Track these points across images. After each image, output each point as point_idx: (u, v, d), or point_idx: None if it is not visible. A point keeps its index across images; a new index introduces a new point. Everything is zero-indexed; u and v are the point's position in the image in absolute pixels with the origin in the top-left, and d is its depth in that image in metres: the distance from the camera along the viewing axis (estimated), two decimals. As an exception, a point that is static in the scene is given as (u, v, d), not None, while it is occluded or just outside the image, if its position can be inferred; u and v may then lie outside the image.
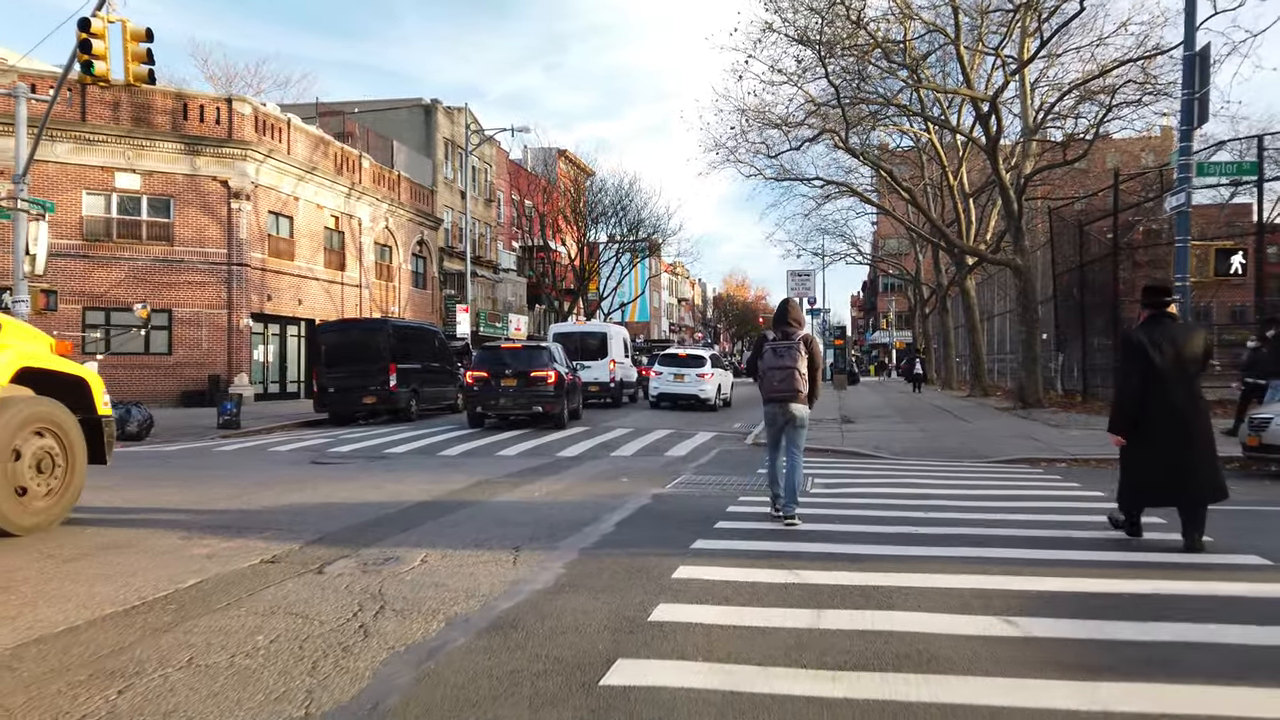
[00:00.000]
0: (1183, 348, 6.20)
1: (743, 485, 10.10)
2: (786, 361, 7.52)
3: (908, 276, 57.04)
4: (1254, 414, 11.36)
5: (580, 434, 17.77)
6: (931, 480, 10.43)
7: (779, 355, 7.58)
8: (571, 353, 28.27)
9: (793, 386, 7.53)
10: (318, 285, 32.39)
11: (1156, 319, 6.38)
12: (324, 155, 32.75)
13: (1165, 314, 6.41)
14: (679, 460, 13.09)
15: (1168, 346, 6.16)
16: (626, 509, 8.30)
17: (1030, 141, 24.76)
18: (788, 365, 7.51)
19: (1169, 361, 6.13)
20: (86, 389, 7.85)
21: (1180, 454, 6.13)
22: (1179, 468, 6.14)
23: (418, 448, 15.06)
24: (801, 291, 19.40)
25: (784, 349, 7.58)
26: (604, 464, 12.56)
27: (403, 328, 23.23)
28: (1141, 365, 6.16)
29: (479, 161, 47.33)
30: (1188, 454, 6.13)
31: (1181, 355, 6.19)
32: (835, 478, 10.72)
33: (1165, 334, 6.23)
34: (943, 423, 19.62)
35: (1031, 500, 8.93)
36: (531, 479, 10.71)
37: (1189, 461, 6.13)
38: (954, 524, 7.49)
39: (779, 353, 7.59)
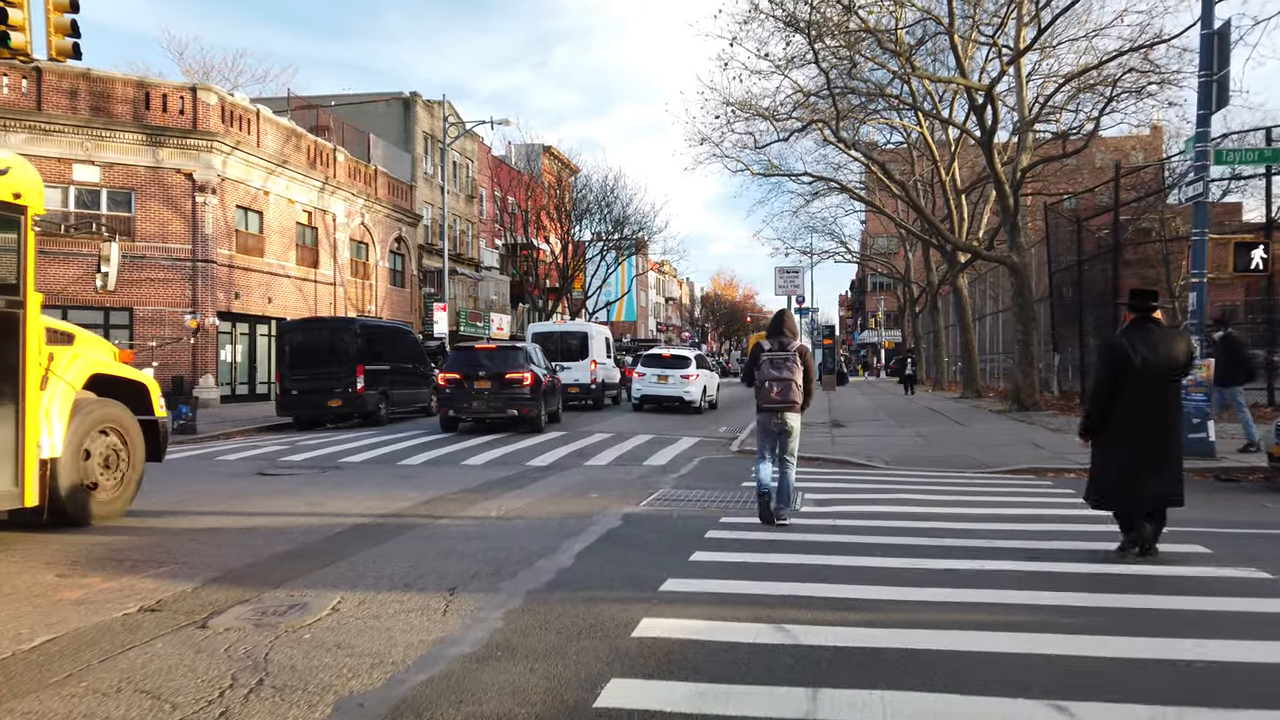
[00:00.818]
0: (1164, 354, 6.17)
1: (725, 502, 9.09)
2: (784, 374, 7.70)
3: (897, 275, 56.24)
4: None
5: (556, 439, 16.74)
6: (933, 496, 9.45)
7: (776, 367, 7.74)
8: (551, 353, 27.30)
9: (789, 397, 7.72)
10: (289, 283, 31.22)
11: (1140, 323, 6.34)
12: (296, 148, 31.59)
13: (1150, 319, 6.35)
14: (657, 471, 12.07)
15: (1148, 352, 6.13)
16: (591, 533, 7.27)
17: (1026, 134, 23.86)
18: (785, 377, 7.69)
19: (1149, 367, 6.11)
20: (146, 393, 8.66)
21: (1154, 458, 6.17)
22: (1151, 471, 6.19)
23: (377, 456, 13.99)
24: (790, 289, 18.44)
25: (780, 360, 7.74)
26: (575, 475, 11.53)
27: (371, 327, 22.14)
28: (1117, 370, 6.17)
29: (460, 157, 46.22)
30: (1160, 458, 6.17)
31: (1162, 361, 6.15)
32: (827, 492, 9.73)
33: (1147, 339, 6.19)
34: (938, 426, 18.68)
35: (1050, 523, 7.95)
36: (492, 494, 9.67)
37: (1160, 466, 6.19)
38: (966, 554, 6.50)
39: (776, 364, 7.75)
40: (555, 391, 20.80)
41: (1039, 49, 25.02)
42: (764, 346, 7.89)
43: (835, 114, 20.16)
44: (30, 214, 6.90)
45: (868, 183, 42.33)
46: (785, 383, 7.69)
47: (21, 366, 6.78)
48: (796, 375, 7.71)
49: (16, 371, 6.75)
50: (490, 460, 13.35)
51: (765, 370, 7.78)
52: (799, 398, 7.75)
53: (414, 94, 41.39)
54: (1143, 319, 6.36)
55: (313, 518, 8.13)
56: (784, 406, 7.73)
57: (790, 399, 7.72)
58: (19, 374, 6.76)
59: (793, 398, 7.72)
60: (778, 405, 7.74)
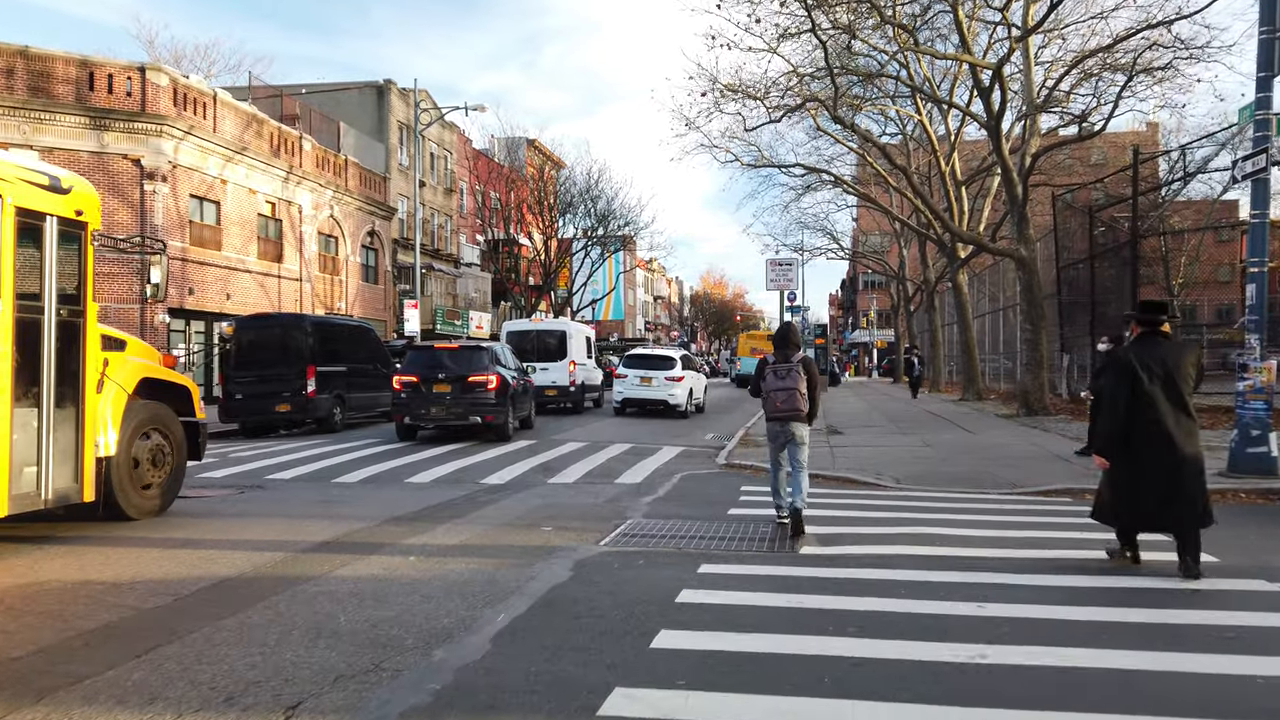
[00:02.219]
0: (1174, 368, 5.97)
1: (707, 539, 7.34)
2: (788, 383, 7.83)
3: (891, 273, 54.66)
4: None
5: (522, 450, 14.98)
6: (965, 531, 7.71)
7: (780, 377, 7.88)
8: (528, 353, 25.72)
9: (794, 406, 7.83)
10: (250, 278, 29.32)
11: (1148, 336, 6.13)
12: (258, 135, 29.69)
13: (1158, 332, 6.14)
14: (630, 491, 10.32)
15: (1157, 367, 5.95)
16: (527, 594, 5.52)
17: (1035, 119, 22.21)
18: (789, 386, 7.82)
19: (1159, 382, 5.93)
20: (188, 395, 9.13)
21: (1166, 479, 5.95)
22: (1165, 493, 5.95)
23: (312, 472, 12.20)
24: (782, 284, 16.78)
25: (784, 371, 7.88)
26: (533, 497, 9.77)
27: (326, 325, 20.29)
28: (1128, 387, 5.98)
29: (438, 148, 44.34)
30: (1173, 479, 5.94)
31: (1172, 376, 5.97)
32: (832, 522, 8.01)
33: (1156, 353, 6.00)
34: (945, 434, 16.98)
35: (1125, 574, 6.24)
36: (423, 526, 7.91)
37: (1174, 487, 5.94)
38: (1028, 632, 4.78)
39: (780, 374, 7.89)
40: (527, 395, 19.04)
41: (1048, 31, 23.44)
42: (769, 360, 8.06)
43: (834, 90, 18.38)
44: (90, 230, 7.46)
45: (861, 176, 40.73)
46: (789, 392, 7.81)
47: (82, 372, 7.34)
48: (800, 385, 7.82)
49: (78, 376, 7.30)
50: (440, 478, 11.58)
51: (770, 381, 7.94)
52: (803, 406, 7.84)
53: (388, 81, 39.49)
54: (1151, 332, 6.13)
55: (177, 565, 6.35)
56: (789, 415, 7.85)
57: (795, 407, 7.81)
58: (80, 379, 7.32)
59: (797, 406, 7.81)
60: (783, 414, 7.87)
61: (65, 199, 7.15)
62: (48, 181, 7.04)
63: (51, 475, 7.03)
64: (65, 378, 7.14)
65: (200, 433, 9.35)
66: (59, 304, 7.09)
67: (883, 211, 36.08)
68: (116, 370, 7.88)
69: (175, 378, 9.06)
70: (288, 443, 16.56)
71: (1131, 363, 6.03)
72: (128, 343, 8.45)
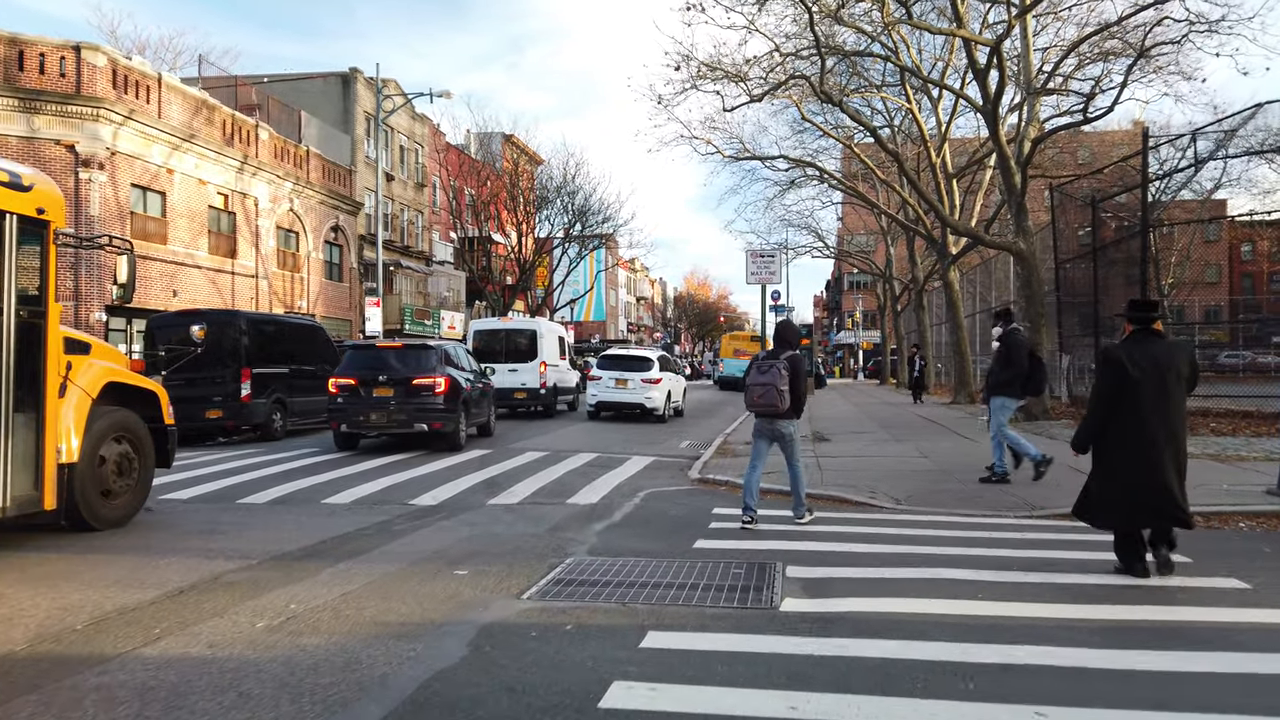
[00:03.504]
0: (1165, 367, 5.89)
1: (663, 589, 5.71)
2: (767, 379, 7.76)
3: (877, 272, 53.27)
4: None
5: (472, 461, 13.34)
6: (985, 574, 6.13)
7: (762, 372, 7.86)
8: (497, 354, 24.35)
9: (770, 401, 7.75)
10: (200, 274, 27.50)
11: (1140, 335, 6.08)
12: (208, 122, 27.88)
13: (1150, 330, 6.08)
14: (581, 515, 8.70)
15: (1148, 365, 5.86)
16: (393, 689, 3.89)
17: (1034, 102, 20.77)
18: (767, 382, 7.75)
19: (1149, 381, 5.85)
20: (156, 401, 8.84)
21: (1149, 477, 5.84)
22: (1148, 491, 5.86)
23: (219, 490, 10.51)
24: (764, 277, 15.29)
25: (767, 366, 7.84)
26: (461, 526, 8.13)
27: (265, 322, 18.54)
28: (1115, 384, 5.91)
29: (408, 140, 42.57)
30: (1156, 478, 5.83)
31: (1163, 375, 5.87)
32: (822, 564, 6.41)
33: (1147, 352, 5.93)
34: (942, 442, 15.45)
35: (1205, 642, 4.68)
36: (307, 569, 6.26)
37: (1156, 486, 5.84)
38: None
39: (762, 370, 7.87)
40: (485, 400, 17.38)
41: (1046, 14, 22.06)
42: (759, 356, 8.06)
43: (820, 63, 16.79)
44: (52, 228, 7.30)
45: (847, 171, 39.27)
46: (765, 387, 7.74)
47: (43, 375, 7.14)
48: (779, 381, 7.69)
49: (39, 380, 7.12)
50: (364, 497, 9.92)
51: (752, 375, 7.92)
52: (780, 402, 7.73)
53: (354, 70, 37.69)
54: (1142, 330, 6.09)
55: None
56: (766, 410, 7.83)
57: (771, 402, 7.74)
58: (41, 382, 7.13)
59: (772, 401, 7.74)
60: (760, 409, 7.89)
61: (26, 196, 7.05)
62: (7, 178, 6.90)
63: (10, 482, 6.80)
64: (25, 381, 6.98)
65: (170, 439, 9.06)
66: (19, 305, 6.91)
67: (870, 206, 34.67)
68: (80, 374, 7.67)
69: (142, 382, 8.77)
70: (215, 452, 14.86)
71: (1121, 359, 5.93)
72: (92, 346, 8.22)
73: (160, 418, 8.91)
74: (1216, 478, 10.33)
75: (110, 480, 8.04)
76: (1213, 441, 14.10)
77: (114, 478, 8.09)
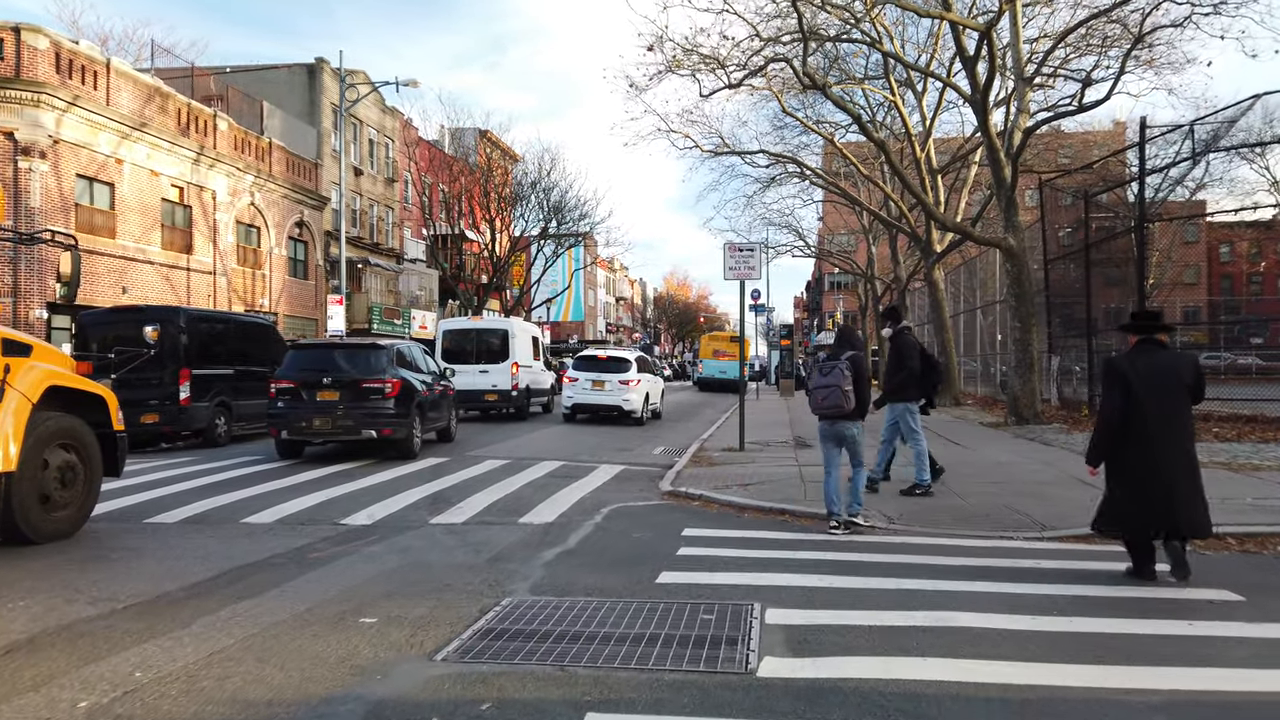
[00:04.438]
0: (1170, 378, 5.87)
1: (612, 646, 4.59)
2: (830, 380, 7.71)
3: (858, 272, 52.47)
4: None
5: (424, 472, 12.23)
6: (1004, 620, 5.09)
7: (824, 374, 7.80)
8: (467, 354, 23.48)
9: (835, 403, 7.72)
10: (152, 270, 26.15)
11: (1144, 346, 6.05)
12: (162, 110, 26.53)
13: (1154, 341, 6.05)
14: (531, 539, 7.61)
15: (1153, 377, 5.85)
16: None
17: (1024, 92, 19.88)
18: (831, 384, 7.70)
19: (1154, 393, 5.84)
20: (105, 406, 8.40)
21: (1160, 487, 5.81)
22: (1158, 501, 5.82)
23: (127, 507, 9.33)
24: (743, 272, 14.27)
25: (829, 368, 7.77)
26: (389, 554, 7.02)
27: (207, 319, 17.27)
28: (1122, 396, 5.89)
29: (377, 134, 41.25)
30: (1167, 488, 5.79)
31: (1169, 386, 5.86)
32: (809, 606, 5.35)
33: (1152, 363, 5.91)
34: (933, 449, 14.43)
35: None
36: (183, 615, 5.14)
37: (1167, 495, 5.79)
38: None
39: (824, 371, 7.82)
40: (444, 403, 16.26)
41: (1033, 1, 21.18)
42: (820, 357, 8.12)
43: (803, 43, 15.73)
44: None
45: (829, 167, 38.37)
46: (830, 389, 7.72)
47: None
48: (843, 382, 7.66)
49: None
50: (290, 515, 8.78)
51: (814, 379, 7.93)
52: (846, 402, 7.69)
53: (320, 60, 36.36)
54: (1146, 341, 6.05)
55: None
56: (831, 413, 7.80)
57: (836, 404, 7.72)
58: None
59: (839, 403, 7.70)
60: (825, 412, 7.84)
61: None
62: None
63: None
64: None
65: (119, 447, 8.60)
66: None
67: (852, 203, 33.80)
68: (19, 378, 7.33)
69: (89, 386, 8.31)
70: (147, 460, 13.64)
71: (1126, 372, 5.92)
72: (34, 347, 7.87)
73: (109, 423, 8.43)
74: (1237, 489, 9.40)
75: (52, 490, 7.55)
76: (1220, 448, 13.21)
77: (57, 488, 7.60)
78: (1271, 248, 64.61)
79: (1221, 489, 9.41)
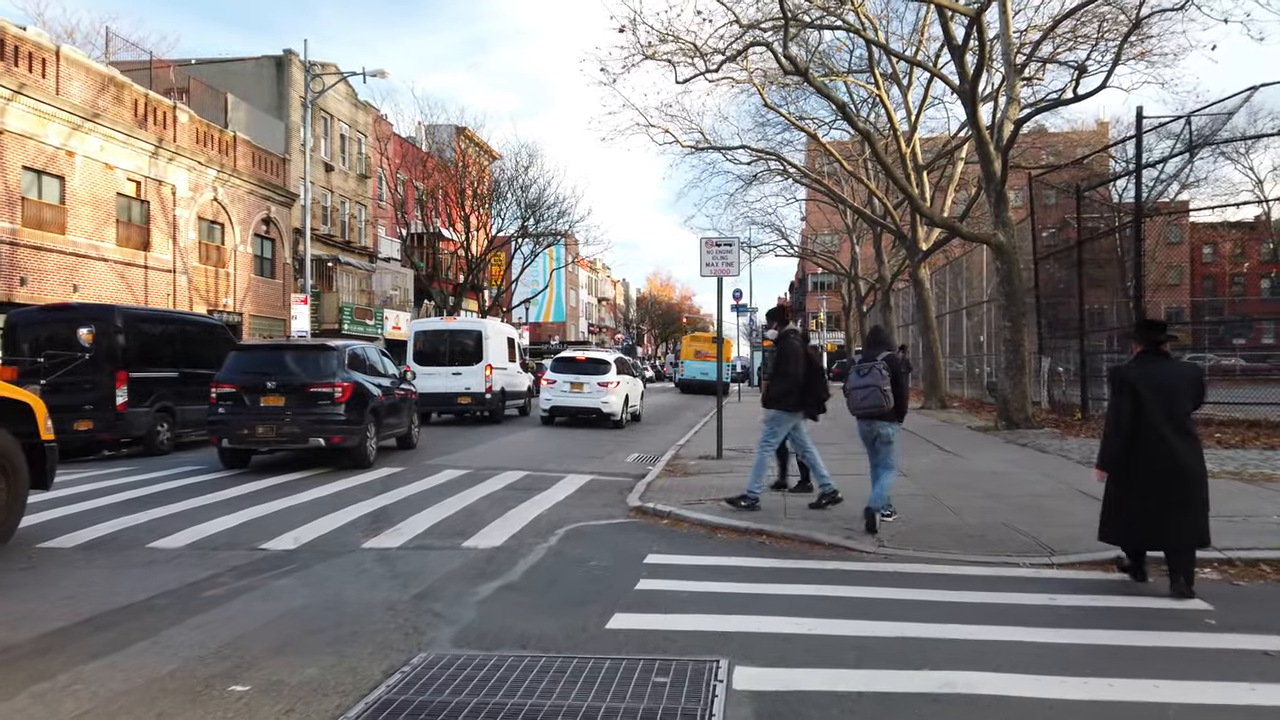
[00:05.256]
0: (1175, 387, 5.92)
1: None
2: (869, 380, 7.72)
3: (842, 272, 51.74)
4: None
5: (374, 483, 11.24)
6: (1028, 683, 4.18)
7: (861, 375, 7.81)
8: (440, 356, 22.71)
9: (875, 403, 7.70)
10: (106, 268, 24.95)
11: (1149, 355, 6.07)
12: (117, 101, 25.35)
13: (1159, 351, 6.06)
14: (471, 569, 6.64)
15: (1159, 386, 5.90)
16: None
17: (1014, 81, 19.08)
18: (869, 384, 7.70)
19: (1160, 401, 5.87)
20: (31, 414, 8.02)
21: (1164, 496, 5.82)
22: (1162, 510, 5.82)
23: (36, 525, 8.28)
24: (720, 269, 13.40)
25: (867, 369, 7.78)
26: (298, 588, 6.04)
27: (148, 319, 16.13)
28: (1131, 403, 5.91)
29: (350, 129, 40.11)
30: (1172, 496, 5.81)
31: (1173, 395, 5.90)
32: (783, 660, 4.42)
33: (1157, 372, 5.97)
34: (921, 456, 13.58)
35: None
36: (17, 678, 4.17)
37: (1172, 504, 5.80)
38: None
39: (862, 373, 7.81)
40: (404, 408, 15.27)
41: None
42: (855, 359, 8.17)
43: (784, 25, 14.82)
44: None
45: (811, 164, 37.57)
46: (869, 389, 7.70)
47: None
48: (882, 382, 7.64)
49: None
50: (206, 538, 7.77)
51: (852, 379, 7.90)
52: (886, 402, 7.64)
53: (288, 52, 35.21)
54: (1151, 351, 6.07)
55: None
56: (870, 413, 7.77)
57: (876, 404, 7.68)
58: None
59: (878, 403, 7.66)
60: (864, 412, 7.82)
61: None
62: None
63: None
64: None
65: (48, 458, 8.18)
66: None
67: (836, 200, 32.97)
68: None
69: (14, 394, 7.94)
70: (76, 471, 12.55)
71: (1133, 380, 5.98)
72: None
73: (36, 433, 8.01)
74: (1258, 505, 8.55)
75: None
76: (1226, 455, 12.40)
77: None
78: (1254, 248, 64.50)
79: (1240, 503, 8.57)
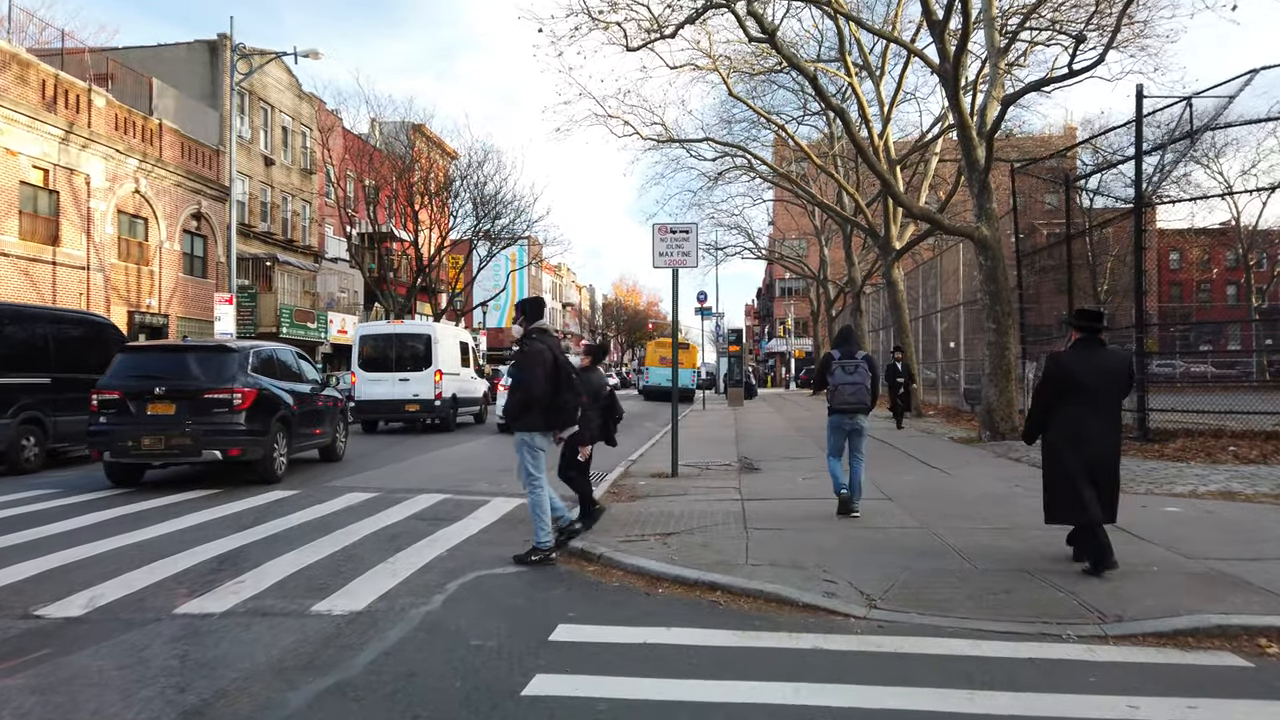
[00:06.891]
0: (1105, 374, 6.21)
1: None
2: (857, 378, 8.26)
3: (810, 275, 50.37)
4: None
5: (254, 510, 9.29)
6: None
7: (849, 372, 8.29)
8: (387, 361, 21.12)
9: (862, 399, 8.32)
10: (7, 263, 22.63)
11: (1086, 343, 6.30)
12: (21, 80, 23.08)
13: (1095, 339, 6.30)
14: (304, 653, 4.75)
15: (1091, 372, 6.19)
16: None
17: (999, 66, 17.58)
18: (858, 381, 8.25)
19: (1090, 386, 6.16)
20: None
21: (1092, 476, 6.13)
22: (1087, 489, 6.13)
23: None
24: (675, 259, 11.66)
25: (852, 367, 8.29)
26: (28, 697, 4.14)
27: (12, 317, 13.95)
28: (1060, 385, 6.21)
29: (292, 121, 37.90)
30: (1094, 478, 6.13)
31: (1103, 381, 6.20)
32: None
33: (1091, 359, 6.23)
34: (905, 474, 11.85)
35: None
36: None
37: (1094, 485, 6.13)
38: None
39: (848, 370, 8.29)
40: (329, 417, 13.37)
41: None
42: (835, 356, 8.44)
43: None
44: None
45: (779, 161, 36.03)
46: (858, 386, 8.25)
47: None
48: (867, 380, 8.26)
49: None
50: None
51: (839, 375, 8.31)
52: (868, 399, 8.30)
53: (223, 36, 32.92)
54: (1088, 339, 6.30)
55: None
56: (856, 408, 8.34)
57: (863, 400, 8.31)
58: None
59: (864, 400, 8.30)
60: (851, 407, 8.33)
61: None
62: None
63: None
64: None
65: None
66: None
67: (806, 199, 31.43)
68: None
69: None
70: (-99, 497, 10.46)
71: (1068, 365, 6.19)
72: None
73: None
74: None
75: None
76: (1248, 473, 10.84)
77: None
78: (1220, 255, 64.20)
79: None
